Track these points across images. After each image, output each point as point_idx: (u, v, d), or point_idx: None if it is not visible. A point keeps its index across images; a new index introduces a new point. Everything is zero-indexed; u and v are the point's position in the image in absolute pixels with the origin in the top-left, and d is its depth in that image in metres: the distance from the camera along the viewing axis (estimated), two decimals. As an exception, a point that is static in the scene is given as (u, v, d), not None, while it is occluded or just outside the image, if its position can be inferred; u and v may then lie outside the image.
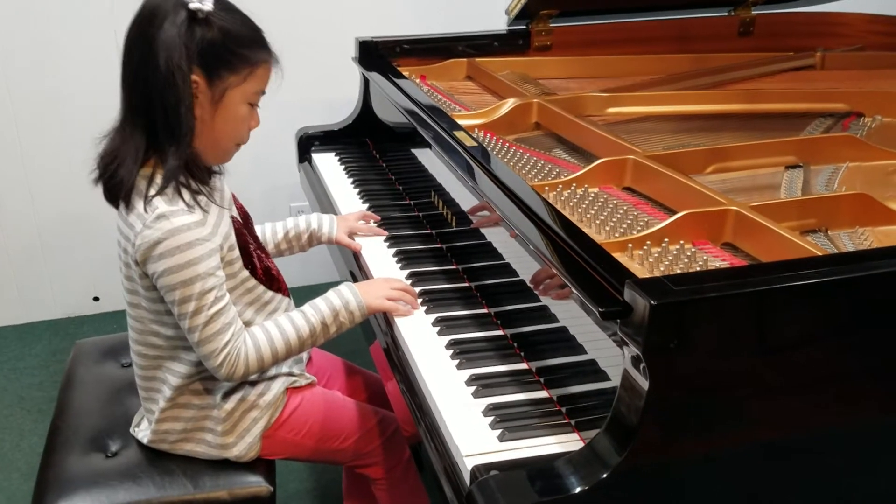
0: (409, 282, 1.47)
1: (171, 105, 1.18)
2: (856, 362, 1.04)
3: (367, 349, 1.69)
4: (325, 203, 1.90)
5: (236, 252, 1.30)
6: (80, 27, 2.39)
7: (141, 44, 1.18)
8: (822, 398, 1.03)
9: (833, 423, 1.06)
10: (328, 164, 2.04)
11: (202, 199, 1.24)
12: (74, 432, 1.44)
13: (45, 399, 2.32)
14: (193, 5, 1.17)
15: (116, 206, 1.25)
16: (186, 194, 1.21)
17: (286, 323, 1.31)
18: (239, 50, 1.21)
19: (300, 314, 1.33)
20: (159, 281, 1.21)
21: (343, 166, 2.02)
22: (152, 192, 1.20)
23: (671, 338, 0.91)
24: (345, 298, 1.35)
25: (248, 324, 1.33)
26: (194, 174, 1.24)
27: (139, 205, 1.20)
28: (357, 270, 1.60)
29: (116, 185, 1.22)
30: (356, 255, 1.63)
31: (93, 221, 2.59)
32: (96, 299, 2.73)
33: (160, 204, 1.19)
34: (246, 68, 1.23)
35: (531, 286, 1.28)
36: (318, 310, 1.33)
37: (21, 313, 2.69)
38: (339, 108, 2.19)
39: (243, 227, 1.36)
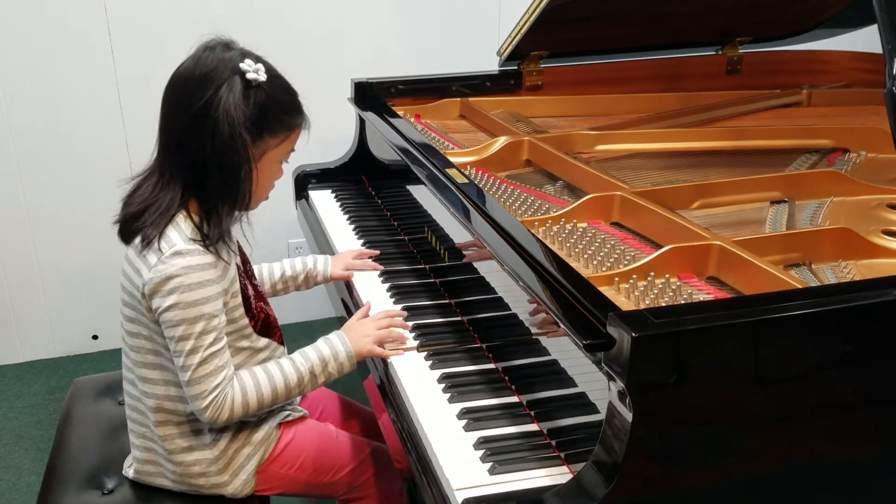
0: (402, 317, 1.49)
1: (231, 169, 1.22)
2: (839, 393, 1.05)
3: (362, 384, 1.71)
4: (321, 239, 1.93)
5: (238, 299, 1.32)
6: (85, 74, 2.45)
7: (193, 106, 1.21)
8: (806, 430, 1.05)
9: (817, 455, 1.07)
10: (325, 200, 2.08)
11: (218, 244, 1.27)
12: (71, 470, 1.45)
13: (44, 437, 2.32)
14: (251, 75, 1.22)
15: (127, 244, 1.28)
16: (203, 237, 1.25)
17: (275, 370, 1.33)
18: (281, 116, 1.27)
19: (289, 362, 1.34)
20: (164, 315, 1.22)
21: (339, 203, 2.05)
22: (173, 233, 1.23)
23: (653, 369, 0.93)
24: (335, 349, 1.36)
25: (239, 369, 1.34)
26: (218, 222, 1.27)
27: (156, 241, 1.23)
28: (352, 306, 1.62)
29: (139, 231, 1.24)
30: (350, 290, 1.65)
31: (92, 260, 2.62)
32: (95, 338, 2.75)
33: (178, 241, 1.22)
34: (284, 132, 1.29)
35: (526, 323, 1.31)
36: (307, 358, 1.35)
37: (20, 352, 2.71)
38: (335, 146, 2.23)
39: (243, 273, 1.39)
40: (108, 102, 2.49)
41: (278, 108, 1.27)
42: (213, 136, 1.20)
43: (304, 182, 2.15)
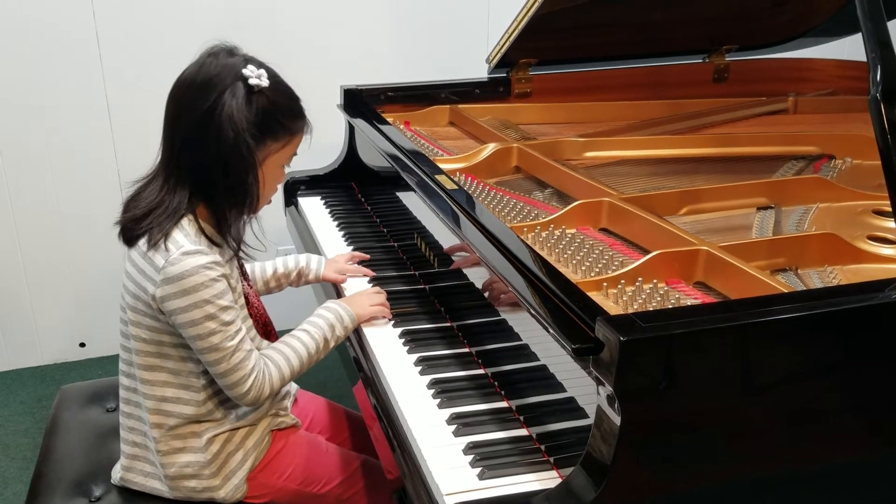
0: (392, 322, 1.50)
1: (237, 174, 1.24)
2: (827, 397, 1.06)
3: (351, 391, 1.70)
4: (310, 246, 1.92)
5: (242, 300, 1.34)
6: (69, 71, 2.43)
7: (197, 111, 1.22)
8: (792, 434, 1.05)
9: (806, 459, 1.08)
10: (314, 207, 2.08)
11: (219, 247, 1.29)
12: (58, 477, 1.44)
13: (31, 446, 2.31)
14: (253, 81, 1.23)
15: (130, 246, 1.28)
16: (206, 240, 1.27)
17: (296, 343, 1.38)
18: (283, 121, 1.29)
19: (305, 333, 1.40)
20: (181, 317, 1.23)
21: (328, 209, 2.05)
22: (179, 234, 1.24)
23: (641, 373, 0.93)
24: (338, 314, 1.44)
25: None
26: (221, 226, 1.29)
27: (161, 242, 1.24)
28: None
29: (144, 232, 1.25)
30: (339, 295, 1.65)
31: (80, 267, 2.61)
32: (83, 345, 2.73)
33: (184, 242, 1.23)
34: (286, 136, 1.31)
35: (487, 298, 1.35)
36: (318, 327, 1.41)
37: (6, 360, 2.68)
38: (324, 153, 2.23)
39: (241, 276, 1.40)
40: (96, 107, 2.48)
41: (280, 112, 1.28)
42: (218, 141, 1.22)
43: (294, 189, 2.15)
